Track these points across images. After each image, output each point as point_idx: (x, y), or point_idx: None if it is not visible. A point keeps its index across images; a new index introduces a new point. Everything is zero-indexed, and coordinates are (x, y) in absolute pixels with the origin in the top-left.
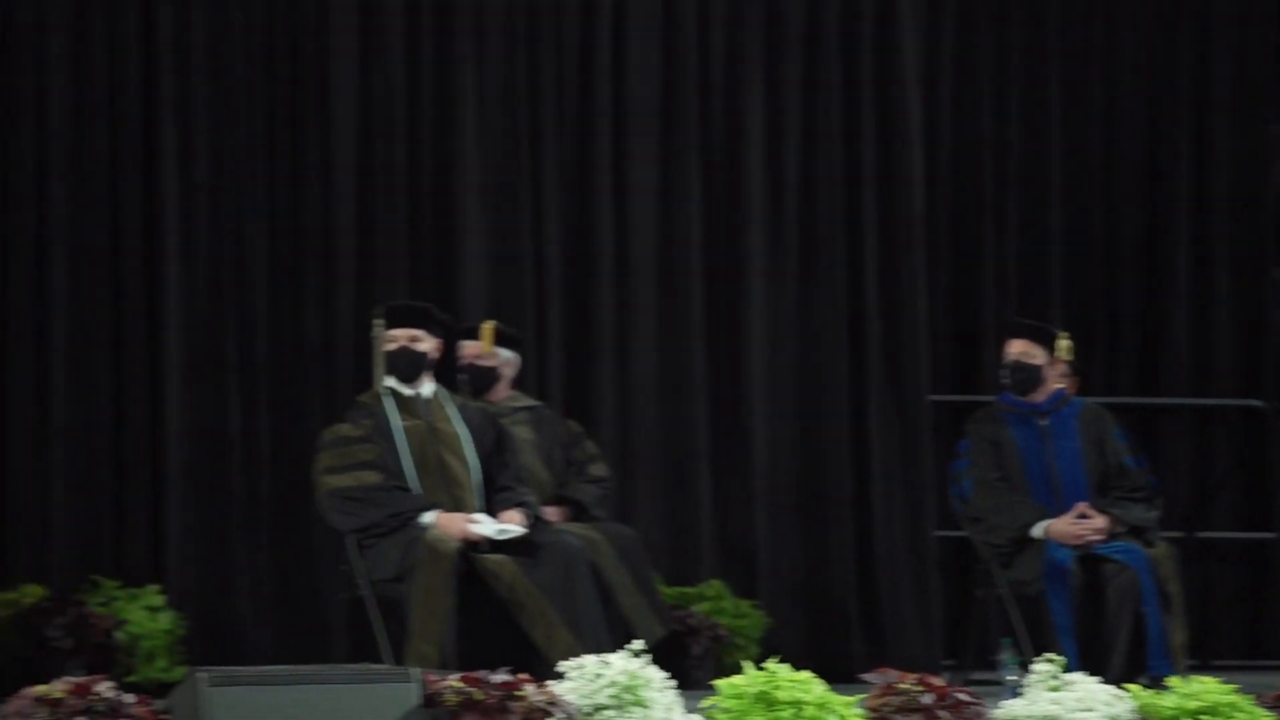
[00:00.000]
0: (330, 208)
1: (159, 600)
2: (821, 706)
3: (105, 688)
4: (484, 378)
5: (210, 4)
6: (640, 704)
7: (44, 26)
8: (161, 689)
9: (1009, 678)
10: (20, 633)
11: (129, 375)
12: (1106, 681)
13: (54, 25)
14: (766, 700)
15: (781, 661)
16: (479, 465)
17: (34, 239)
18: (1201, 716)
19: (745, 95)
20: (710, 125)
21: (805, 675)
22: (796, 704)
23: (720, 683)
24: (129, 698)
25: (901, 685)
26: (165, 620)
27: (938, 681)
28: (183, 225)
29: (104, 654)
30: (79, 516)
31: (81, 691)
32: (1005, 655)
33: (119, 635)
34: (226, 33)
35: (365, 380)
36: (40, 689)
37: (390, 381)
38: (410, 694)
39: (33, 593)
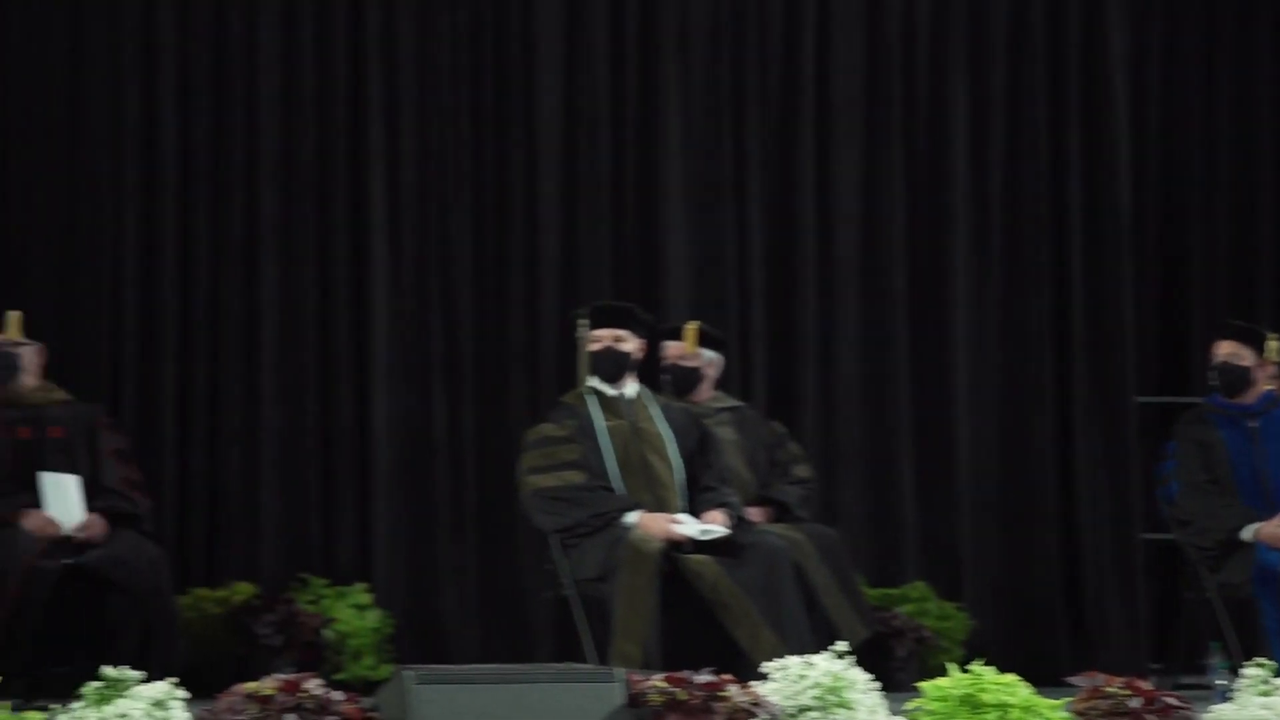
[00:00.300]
0: (534, 208)
1: (366, 599)
2: (1027, 710)
3: (314, 685)
4: (687, 378)
5: (417, 6)
6: (844, 705)
7: (254, 28)
8: (369, 687)
9: (1218, 682)
10: (231, 630)
11: (337, 376)
12: None
13: (264, 27)
14: (971, 703)
15: (986, 664)
16: (682, 466)
17: (244, 240)
18: None
19: (949, 94)
20: (914, 124)
21: (1011, 678)
22: (1002, 707)
23: (925, 685)
24: (337, 695)
25: (1108, 689)
26: (373, 618)
27: (1145, 685)
28: (390, 226)
29: (312, 651)
30: (288, 515)
31: (291, 689)
32: (1214, 659)
33: (327, 633)
34: (433, 34)
35: (569, 380)
36: (251, 686)
37: (594, 382)
38: (614, 694)
39: (243, 590)
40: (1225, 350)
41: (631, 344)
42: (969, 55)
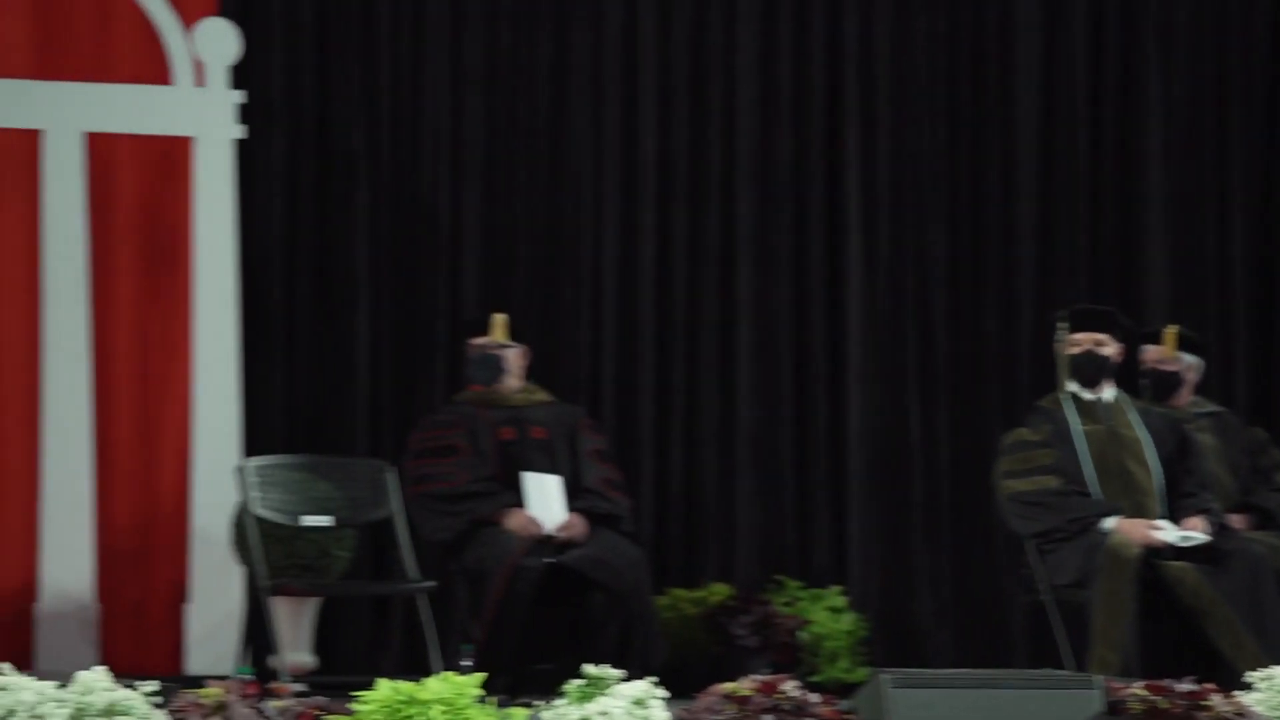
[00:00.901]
0: (1011, 210)
1: (841, 601)
2: None
3: (791, 686)
4: (1166, 383)
5: (894, 10)
6: None
7: (733, 34)
8: (844, 689)
9: None
10: (708, 630)
11: (811, 377)
12: None
13: (742, 33)
14: None
15: None
16: (1161, 471)
17: (721, 243)
18: None
19: None
20: None
21: None
22: None
23: None
24: (814, 697)
25: None
26: (847, 621)
27: None
28: (865, 228)
29: (788, 653)
30: (763, 517)
31: (768, 690)
32: None
33: (802, 635)
34: (910, 38)
35: (1045, 384)
36: (728, 686)
37: (1072, 385)
38: (1093, 701)
39: (720, 591)
40: None
41: (1111, 348)
42: None
